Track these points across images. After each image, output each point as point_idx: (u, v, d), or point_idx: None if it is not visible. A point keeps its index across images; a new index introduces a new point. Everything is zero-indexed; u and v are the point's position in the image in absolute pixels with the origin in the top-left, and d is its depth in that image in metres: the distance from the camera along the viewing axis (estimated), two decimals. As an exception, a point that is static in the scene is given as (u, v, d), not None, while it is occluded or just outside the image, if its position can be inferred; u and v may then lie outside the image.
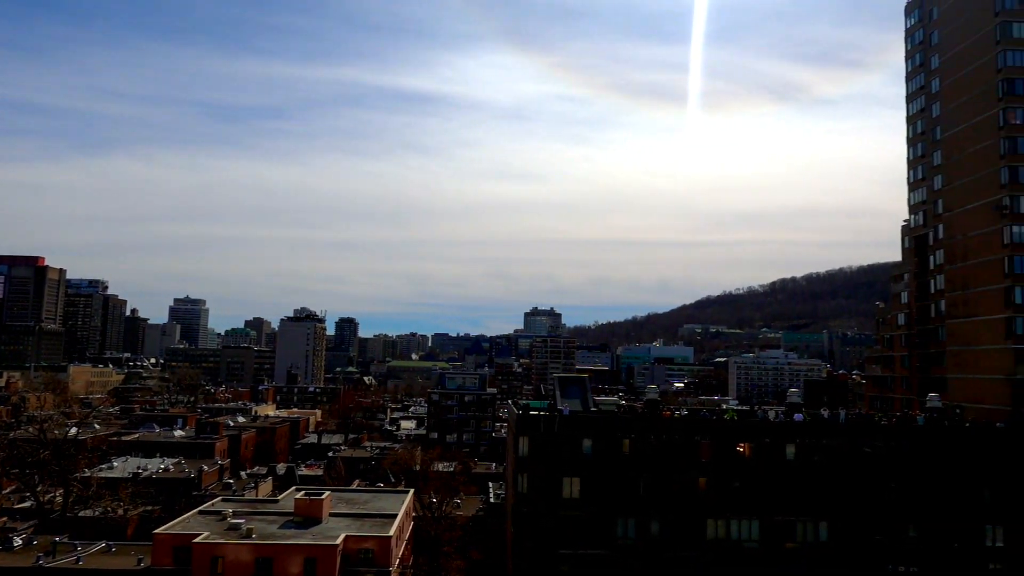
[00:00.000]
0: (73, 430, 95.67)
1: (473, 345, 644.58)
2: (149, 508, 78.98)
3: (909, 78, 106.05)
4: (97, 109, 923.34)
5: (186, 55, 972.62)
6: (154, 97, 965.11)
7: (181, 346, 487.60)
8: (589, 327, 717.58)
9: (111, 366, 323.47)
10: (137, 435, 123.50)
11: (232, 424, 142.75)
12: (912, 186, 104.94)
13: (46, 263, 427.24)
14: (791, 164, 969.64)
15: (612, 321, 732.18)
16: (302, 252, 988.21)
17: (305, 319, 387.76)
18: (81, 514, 76.75)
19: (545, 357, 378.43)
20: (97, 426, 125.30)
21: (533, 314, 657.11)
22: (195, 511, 65.01)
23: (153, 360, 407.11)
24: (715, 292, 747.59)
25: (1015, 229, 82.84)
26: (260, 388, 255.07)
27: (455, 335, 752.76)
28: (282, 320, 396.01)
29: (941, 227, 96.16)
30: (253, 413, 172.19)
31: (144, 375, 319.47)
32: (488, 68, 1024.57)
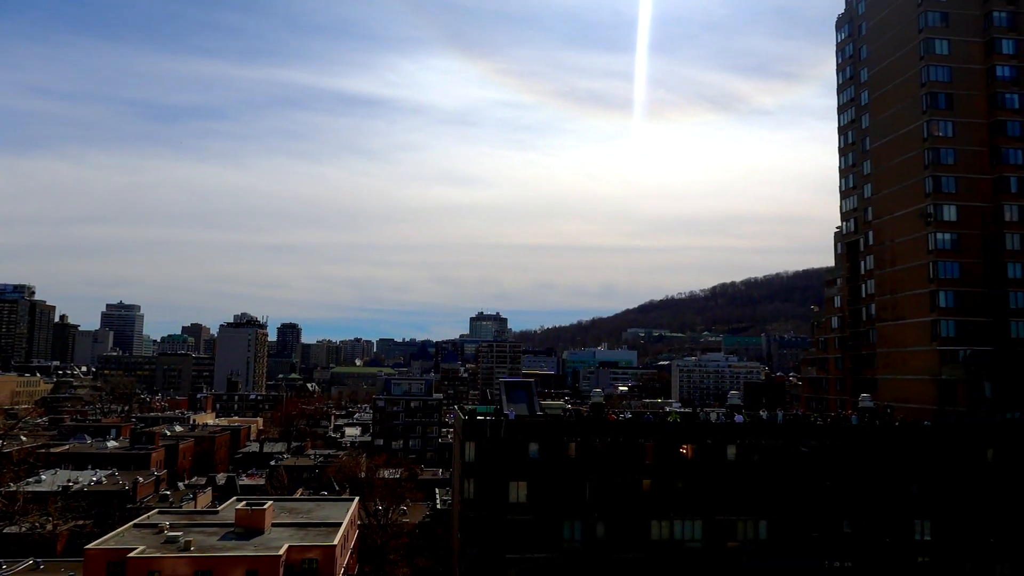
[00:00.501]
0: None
1: (419, 350, 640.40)
2: (80, 523, 75.92)
3: (840, 90, 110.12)
4: (22, 106, 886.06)
5: (118, 51, 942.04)
6: (84, 94, 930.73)
7: (114, 353, 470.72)
8: (535, 331, 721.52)
9: (39, 375, 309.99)
10: (67, 446, 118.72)
11: (169, 434, 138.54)
12: (844, 194, 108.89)
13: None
14: (730, 172, 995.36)
15: (558, 326, 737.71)
16: (242, 256, 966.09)
17: (246, 325, 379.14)
18: (6, 531, 73.40)
19: (491, 362, 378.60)
20: (24, 438, 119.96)
21: (479, 319, 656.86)
22: (130, 525, 62.84)
23: (84, 368, 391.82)
24: (658, 297, 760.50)
25: (939, 236, 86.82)
26: (199, 396, 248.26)
27: (400, 340, 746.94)
28: (222, 326, 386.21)
29: (871, 233, 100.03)
30: (191, 422, 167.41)
31: (75, 384, 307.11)
32: (432, 72, 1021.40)
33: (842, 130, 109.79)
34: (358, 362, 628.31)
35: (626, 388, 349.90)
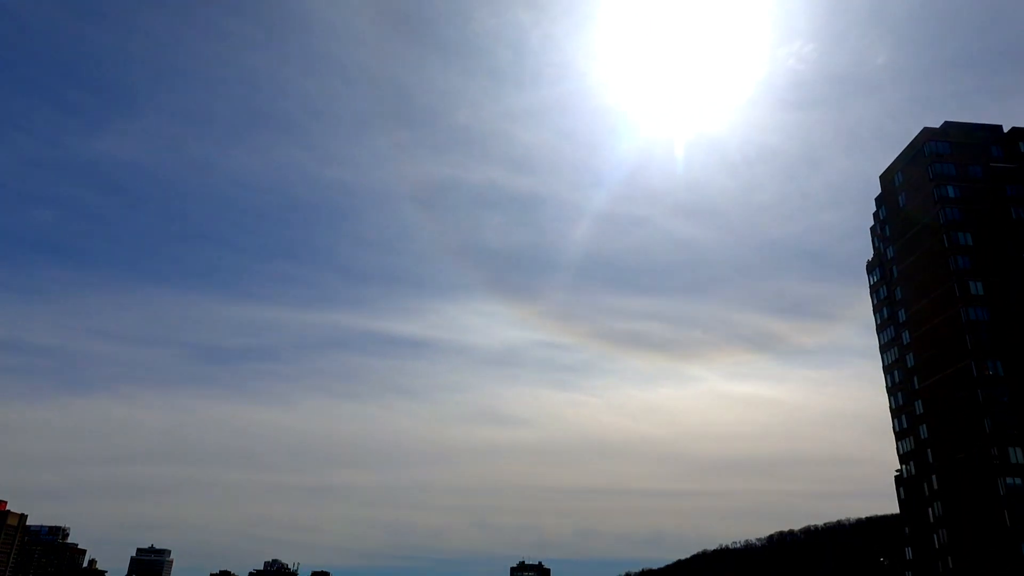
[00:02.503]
0: None
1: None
2: None
3: (880, 330, 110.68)
4: (85, 348, 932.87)
5: (181, 298, 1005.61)
6: (143, 338, 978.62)
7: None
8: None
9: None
10: None
11: None
12: (899, 435, 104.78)
13: (7, 507, 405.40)
14: (774, 412, 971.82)
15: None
16: (279, 498, 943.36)
17: (275, 572, 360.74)
18: None
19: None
20: None
21: (520, 568, 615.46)
22: None
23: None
24: (711, 546, 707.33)
25: (1007, 480, 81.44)
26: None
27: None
28: (251, 573, 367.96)
29: (935, 478, 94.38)
30: None
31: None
32: (475, 315, 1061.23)
33: (887, 369, 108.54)
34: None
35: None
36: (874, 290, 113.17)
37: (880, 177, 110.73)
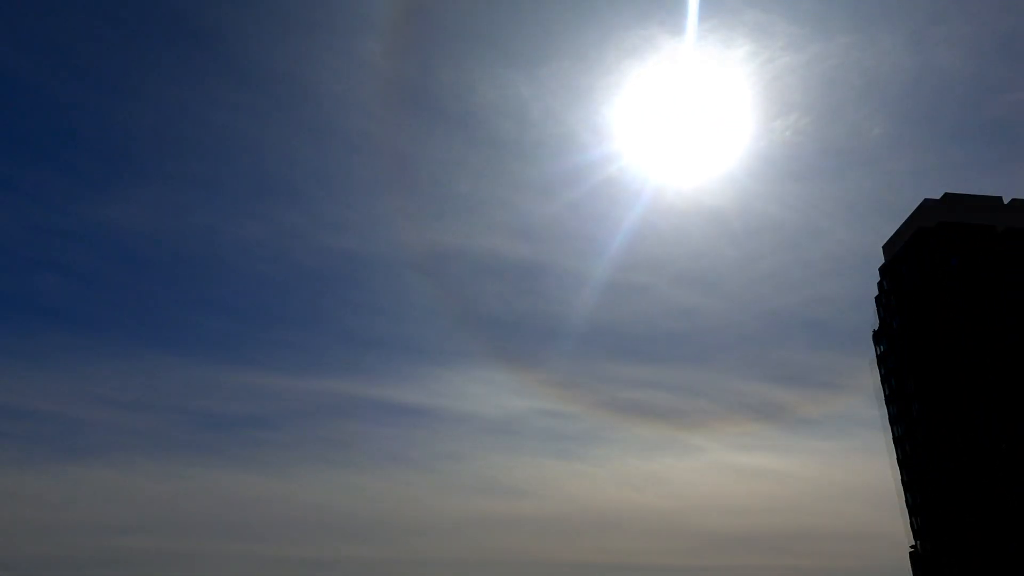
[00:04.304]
0: None
1: None
2: None
3: (888, 402, 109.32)
4: (85, 415, 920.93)
5: (181, 365, 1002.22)
6: (142, 404, 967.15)
7: None
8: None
9: None
10: None
11: None
12: (911, 509, 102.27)
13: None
14: (781, 484, 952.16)
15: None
16: (272, 571, 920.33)
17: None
18: None
19: None
20: None
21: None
22: None
23: None
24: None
25: (1029, 558, 79.06)
26: None
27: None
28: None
29: (950, 556, 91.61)
30: None
31: None
32: (475, 383, 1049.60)
33: (898, 441, 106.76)
34: None
35: None
36: (881, 360, 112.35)
37: (883, 247, 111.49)
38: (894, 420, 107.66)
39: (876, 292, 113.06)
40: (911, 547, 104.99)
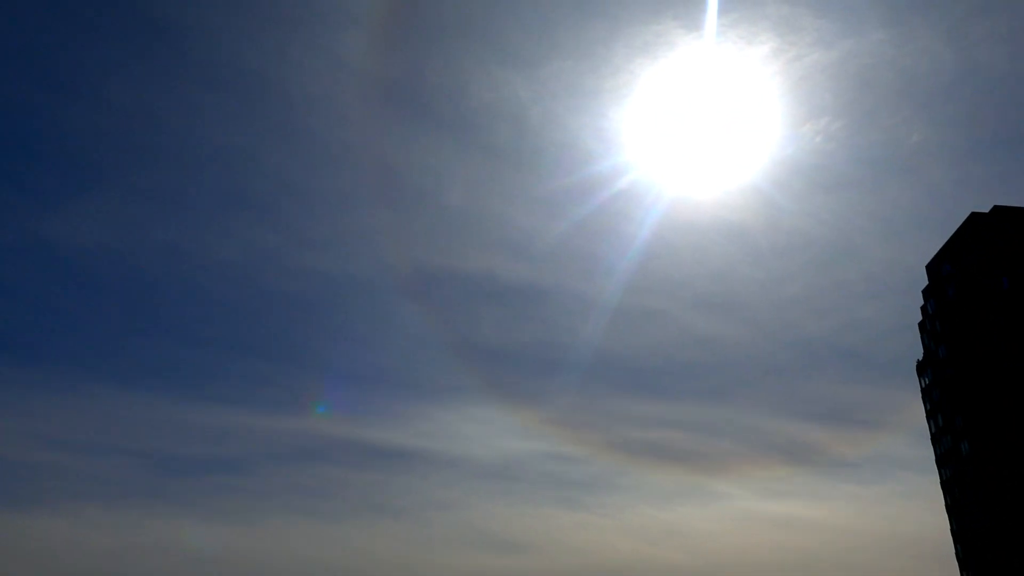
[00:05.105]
0: None
1: None
2: None
3: (935, 440, 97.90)
4: (26, 458, 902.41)
5: (136, 401, 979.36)
6: (98, 446, 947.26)
7: None
8: None
9: None
10: None
11: None
12: (962, 563, 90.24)
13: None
14: (815, 535, 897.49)
15: None
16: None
17: None
18: None
19: None
20: None
21: None
22: None
23: None
24: None
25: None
26: None
27: None
28: None
29: (1007, 618, 79.64)
30: None
31: None
32: (470, 422, 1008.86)
33: (946, 485, 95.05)
34: None
35: None
36: (926, 394, 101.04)
37: (927, 267, 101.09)
38: (941, 461, 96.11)
39: (919, 317, 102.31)
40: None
